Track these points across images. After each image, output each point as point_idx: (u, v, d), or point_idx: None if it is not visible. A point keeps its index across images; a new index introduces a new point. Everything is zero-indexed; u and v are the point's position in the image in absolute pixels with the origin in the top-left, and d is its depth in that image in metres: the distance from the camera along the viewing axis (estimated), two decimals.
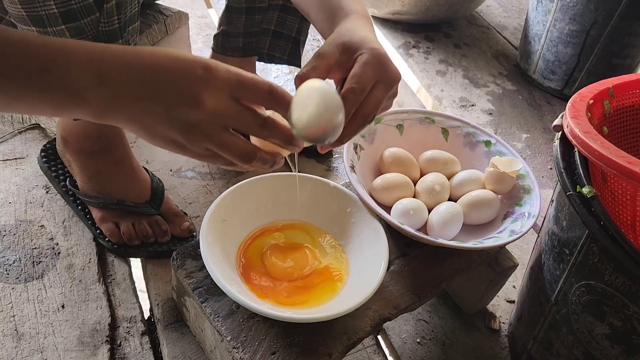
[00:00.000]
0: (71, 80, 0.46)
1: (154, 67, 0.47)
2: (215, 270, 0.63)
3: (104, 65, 0.46)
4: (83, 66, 0.46)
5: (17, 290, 0.80)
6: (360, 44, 0.57)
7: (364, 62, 0.56)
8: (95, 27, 0.69)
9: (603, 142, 0.57)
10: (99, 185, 0.87)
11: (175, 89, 0.47)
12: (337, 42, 0.58)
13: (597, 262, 0.60)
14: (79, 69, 0.46)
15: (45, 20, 0.66)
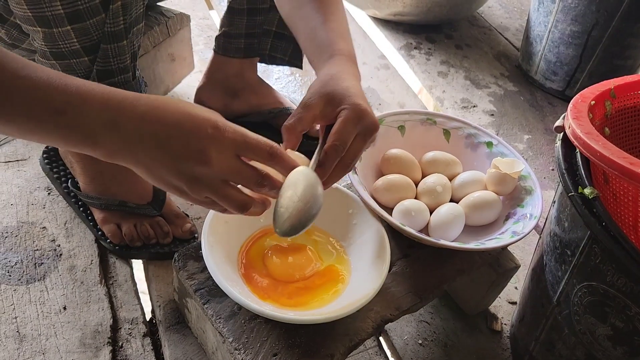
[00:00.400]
0: (85, 125, 0.49)
1: (167, 122, 0.50)
2: (217, 272, 0.63)
3: (119, 115, 0.49)
4: (98, 112, 0.49)
5: (19, 291, 0.80)
6: (343, 98, 0.62)
7: (346, 119, 0.60)
8: (100, 28, 0.70)
9: (605, 143, 0.57)
10: (101, 187, 0.87)
11: (185, 144, 0.50)
12: (322, 92, 0.62)
13: (599, 263, 0.60)
14: (95, 115, 0.49)
15: (51, 20, 0.66)
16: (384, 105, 1.30)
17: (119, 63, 0.75)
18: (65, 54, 0.71)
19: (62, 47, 0.70)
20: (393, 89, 1.36)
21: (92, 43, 0.71)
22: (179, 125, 0.50)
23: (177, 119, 0.50)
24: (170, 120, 0.50)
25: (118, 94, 0.50)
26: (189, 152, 0.50)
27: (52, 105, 0.48)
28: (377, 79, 1.38)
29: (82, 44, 0.71)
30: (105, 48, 0.72)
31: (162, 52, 1.10)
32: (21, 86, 0.47)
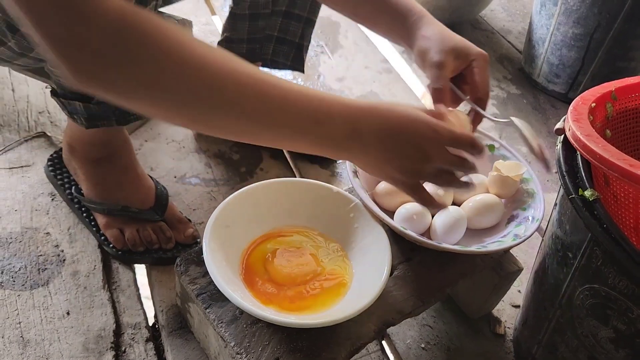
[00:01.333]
0: (335, 134, 0.58)
1: (396, 129, 0.60)
2: (218, 277, 0.63)
3: (359, 124, 0.58)
4: (344, 123, 0.58)
5: (23, 297, 0.80)
6: (468, 49, 0.73)
7: (483, 68, 0.74)
8: None
9: (605, 145, 0.57)
10: (104, 192, 0.88)
11: (413, 147, 0.60)
12: (446, 49, 0.71)
13: (601, 265, 0.60)
14: (341, 126, 0.58)
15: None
16: None
17: None
18: None
19: None
20: (396, 92, 1.36)
21: None
22: (405, 131, 0.60)
23: (403, 126, 0.60)
24: (398, 128, 0.60)
25: (356, 106, 0.59)
26: (415, 153, 0.60)
27: (314, 116, 0.56)
28: (380, 82, 1.38)
29: None
30: None
31: None
32: (290, 98, 0.55)
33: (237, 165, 1.07)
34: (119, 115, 0.79)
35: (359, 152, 0.60)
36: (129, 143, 0.92)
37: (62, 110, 0.80)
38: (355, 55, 1.45)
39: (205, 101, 0.51)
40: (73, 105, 0.77)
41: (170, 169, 1.04)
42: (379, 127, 0.59)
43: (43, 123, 1.07)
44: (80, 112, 0.77)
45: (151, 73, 0.48)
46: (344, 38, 1.51)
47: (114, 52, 0.46)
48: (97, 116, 0.78)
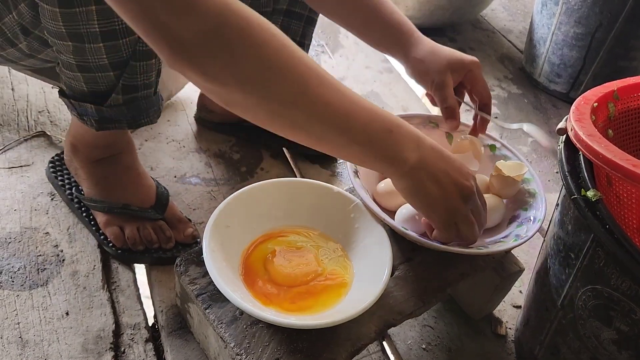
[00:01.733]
0: (403, 142, 0.62)
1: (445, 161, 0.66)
2: (218, 277, 0.63)
3: (422, 149, 0.64)
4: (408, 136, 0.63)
5: (22, 297, 0.80)
6: (462, 61, 0.81)
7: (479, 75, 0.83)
8: (132, 46, 0.70)
9: (607, 145, 0.57)
10: (105, 191, 0.87)
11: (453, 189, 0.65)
12: (443, 67, 0.80)
13: (603, 266, 0.60)
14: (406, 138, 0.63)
15: (85, 37, 0.67)
16: (387, 109, 1.30)
17: (145, 79, 0.75)
18: (92, 67, 0.71)
19: (90, 62, 0.70)
20: (396, 92, 1.36)
21: (121, 59, 0.71)
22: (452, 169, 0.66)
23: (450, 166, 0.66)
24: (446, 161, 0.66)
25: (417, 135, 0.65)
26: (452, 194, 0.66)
27: (386, 125, 0.61)
28: (381, 82, 1.38)
29: (110, 59, 0.70)
30: (135, 65, 0.72)
31: None
32: (359, 107, 0.60)
33: (238, 165, 1.07)
34: (130, 118, 0.78)
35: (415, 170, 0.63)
36: (132, 143, 0.91)
37: (71, 112, 0.80)
38: (356, 55, 1.45)
39: (305, 109, 0.56)
40: (84, 107, 0.76)
41: (171, 169, 1.03)
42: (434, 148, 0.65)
43: (43, 122, 1.07)
44: (91, 114, 0.77)
45: (250, 68, 0.52)
46: (344, 38, 1.51)
47: (213, 44, 0.50)
48: (108, 119, 0.77)
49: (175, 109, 1.17)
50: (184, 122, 1.14)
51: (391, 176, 0.65)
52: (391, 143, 0.61)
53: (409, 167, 0.63)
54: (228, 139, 1.12)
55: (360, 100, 0.60)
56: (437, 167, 0.64)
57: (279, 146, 1.12)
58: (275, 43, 0.53)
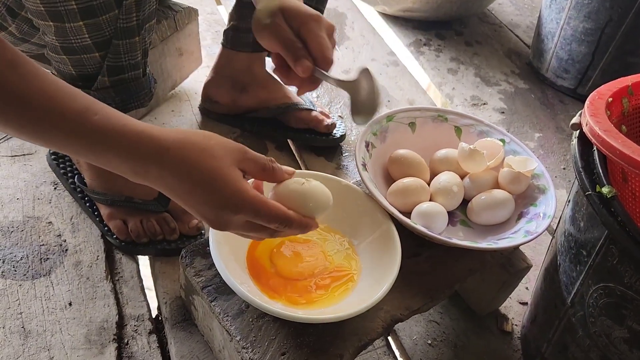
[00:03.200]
0: (117, 167, 0.52)
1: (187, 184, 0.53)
2: (225, 269, 0.62)
3: (149, 169, 0.52)
4: (129, 163, 0.51)
5: (25, 287, 0.79)
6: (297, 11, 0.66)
7: (313, 30, 0.66)
8: (113, 24, 0.69)
9: (624, 140, 0.56)
10: (107, 183, 0.86)
11: (207, 211, 0.54)
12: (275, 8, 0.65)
13: (617, 263, 0.59)
14: (125, 164, 0.52)
15: (64, 15, 0.66)
16: (393, 102, 1.29)
17: (130, 59, 0.74)
18: (76, 49, 0.70)
19: (73, 42, 0.69)
20: (402, 85, 1.34)
21: (104, 39, 0.70)
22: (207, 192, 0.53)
23: (196, 184, 0.53)
24: (188, 183, 0.53)
25: (135, 146, 0.51)
26: (210, 217, 0.54)
27: (86, 146, 0.50)
28: (386, 75, 1.36)
29: (93, 39, 0.70)
30: (117, 44, 0.71)
31: (170, 47, 1.08)
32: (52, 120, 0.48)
33: None
34: (119, 102, 0.78)
35: (161, 188, 0.54)
36: None
37: None
38: (361, 48, 1.43)
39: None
40: None
41: None
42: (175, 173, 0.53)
43: None
44: None
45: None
46: (350, 30, 1.50)
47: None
48: None
49: (179, 99, 1.16)
50: (188, 113, 1.13)
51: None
52: (104, 163, 0.52)
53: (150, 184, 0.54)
54: (232, 130, 1.10)
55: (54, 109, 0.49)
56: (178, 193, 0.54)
57: (283, 138, 1.11)
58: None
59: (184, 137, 0.53)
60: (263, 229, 0.57)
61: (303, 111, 1.06)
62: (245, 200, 0.53)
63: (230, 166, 0.54)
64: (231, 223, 0.55)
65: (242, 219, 0.54)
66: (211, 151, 0.53)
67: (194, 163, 0.52)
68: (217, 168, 0.53)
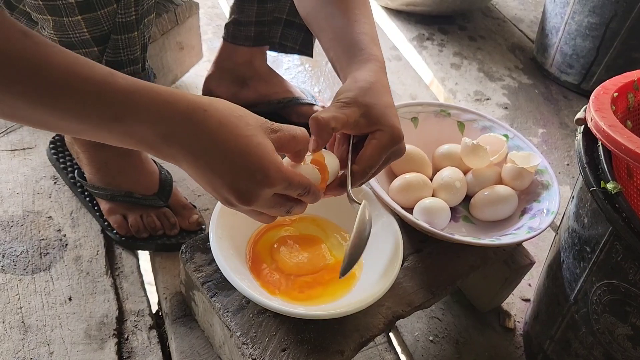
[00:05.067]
0: (140, 135, 0.48)
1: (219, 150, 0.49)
2: (225, 264, 0.62)
3: (173, 127, 0.48)
4: (152, 124, 0.47)
5: (24, 281, 0.79)
6: (382, 116, 0.58)
7: (382, 144, 0.58)
8: (111, 18, 0.68)
9: (630, 136, 0.55)
10: (107, 177, 0.86)
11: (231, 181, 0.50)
12: (361, 101, 0.58)
13: (621, 260, 0.58)
14: (150, 125, 0.47)
15: (62, 9, 0.65)
16: (395, 97, 1.28)
17: (129, 54, 0.73)
18: (74, 43, 0.70)
19: (71, 37, 0.69)
20: (405, 80, 1.34)
21: (103, 34, 0.70)
22: (230, 159, 0.50)
23: (231, 152, 0.49)
24: (223, 149, 0.49)
25: (169, 105, 0.48)
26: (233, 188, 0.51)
27: (110, 110, 0.46)
28: (389, 70, 1.35)
29: (92, 34, 0.69)
30: (116, 39, 0.71)
31: (171, 41, 1.08)
32: (73, 85, 0.45)
33: None
34: None
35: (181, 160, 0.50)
36: None
37: None
38: None
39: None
40: None
41: None
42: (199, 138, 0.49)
43: None
44: None
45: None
46: None
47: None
48: None
49: None
50: None
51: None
52: (126, 132, 0.48)
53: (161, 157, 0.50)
54: None
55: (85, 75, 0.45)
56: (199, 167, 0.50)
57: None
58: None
59: (218, 100, 0.51)
60: (281, 205, 0.54)
61: (304, 105, 1.05)
62: (280, 172, 0.51)
63: (265, 137, 0.51)
64: (259, 197, 0.51)
65: (271, 192, 0.52)
66: (246, 119, 0.51)
67: (233, 128, 0.49)
68: (254, 137, 0.50)
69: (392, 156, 0.61)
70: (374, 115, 0.58)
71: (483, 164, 0.79)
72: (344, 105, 0.58)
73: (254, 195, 0.51)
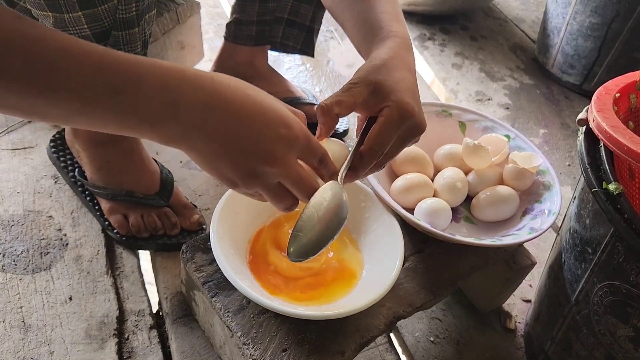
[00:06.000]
0: (143, 107, 0.44)
1: (236, 114, 0.46)
2: (226, 264, 0.61)
3: (179, 97, 0.45)
4: (157, 93, 0.44)
5: (25, 281, 0.79)
6: (390, 92, 0.55)
7: (387, 120, 0.55)
8: (112, 15, 0.68)
9: (632, 136, 0.55)
10: (108, 176, 0.86)
11: (255, 142, 0.47)
12: (369, 79, 0.56)
13: (622, 261, 0.58)
14: (153, 95, 0.44)
15: (62, 6, 0.65)
16: None
17: (129, 51, 0.73)
18: None
19: (72, 33, 0.69)
20: None
21: (103, 30, 0.69)
22: (249, 119, 0.46)
23: (247, 112, 0.46)
24: (238, 112, 0.46)
25: (175, 73, 0.45)
26: (257, 150, 0.47)
27: (110, 83, 0.43)
28: None
29: (92, 30, 0.69)
30: (117, 35, 0.71)
31: (172, 40, 1.08)
32: (70, 60, 0.42)
33: None
34: None
35: (184, 137, 0.46)
36: None
37: None
38: None
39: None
40: None
41: (176, 154, 1.01)
42: (206, 104, 0.45)
43: None
44: None
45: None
46: None
47: None
48: None
49: None
50: None
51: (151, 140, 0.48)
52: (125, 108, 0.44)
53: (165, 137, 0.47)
54: None
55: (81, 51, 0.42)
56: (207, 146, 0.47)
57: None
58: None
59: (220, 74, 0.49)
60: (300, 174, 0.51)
61: (305, 105, 1.05)
62: (301, 125, 0.49)
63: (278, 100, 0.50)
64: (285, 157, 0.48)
65: (295, 153, 0.49)
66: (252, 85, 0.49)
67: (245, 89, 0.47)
68: (267, 96, 0.48)
69: (408, 135, 0.57)
70: (383, 91, 0.55)
71: (484, 165, 0.78)
72: (351, 87, 0.56)
73: (279, 152, 0.47)
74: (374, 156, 0.55)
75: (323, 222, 0.53)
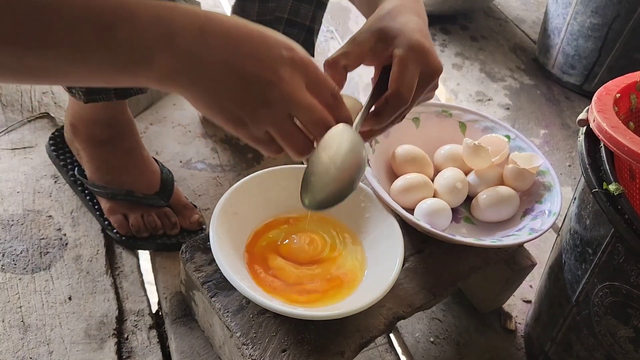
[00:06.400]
0: (139, 40, 0.41)
1: (233, 37, 0.43)
2: (225, 264, 0.61)
3: (174, 25, 0.42)
4: (150, 24, 0.41)
5: (24, 281, 0.79)
6: (398, 34, 0.53)
7: (403, 60, 0.53)
8: None
9: (632, 137, 0.55)
10: (107, 175, 0.86)
11: (257, 62, 0.43)
12: (374, 27, 0.54)
13: (623, 262, 0.58)
14: (146, 27, 0.41)
15: None
16: None
17: None
18: None
19: None
20: None
21: None
22: (249, 41, 0.43)
23: (246, 35, 0.43)
24: (236, 35, 0.43)
25: (167, 5, 0.42)
26: (262, 72, 0.44)
27: (100, 19, 0.40)
28: None
29: None
30: None
31: None
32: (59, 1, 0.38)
33: (244, 152, 1.05)
34: (118, 89, 0.77)
35: (184, 70, 0.43)
36: (133, 125, 0.89)
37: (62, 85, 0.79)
38: None
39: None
40: None
41: (176, 154, 1.01)
42: (202, 28, 0.42)
43: (46, 104, 1.05)
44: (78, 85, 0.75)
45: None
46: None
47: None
48: (95, 90, 0.76)
49: None
50: (190, 106, 1.12)
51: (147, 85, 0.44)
52: (118, 44, 0.41)
53: (163, 72, 0.43)
54: None
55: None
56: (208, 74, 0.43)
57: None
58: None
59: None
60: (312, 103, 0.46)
61: None
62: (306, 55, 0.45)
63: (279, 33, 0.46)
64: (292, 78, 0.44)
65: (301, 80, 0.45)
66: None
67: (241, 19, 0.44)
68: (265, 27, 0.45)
69: (425, 76, 0.54)
70: (390, 35, 0.53)
71: (485, 165, 0.78)
72: (356, 38, 0.54)
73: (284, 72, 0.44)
74: (401, 99, 0.52)
75: (342, 165, 0.48)
